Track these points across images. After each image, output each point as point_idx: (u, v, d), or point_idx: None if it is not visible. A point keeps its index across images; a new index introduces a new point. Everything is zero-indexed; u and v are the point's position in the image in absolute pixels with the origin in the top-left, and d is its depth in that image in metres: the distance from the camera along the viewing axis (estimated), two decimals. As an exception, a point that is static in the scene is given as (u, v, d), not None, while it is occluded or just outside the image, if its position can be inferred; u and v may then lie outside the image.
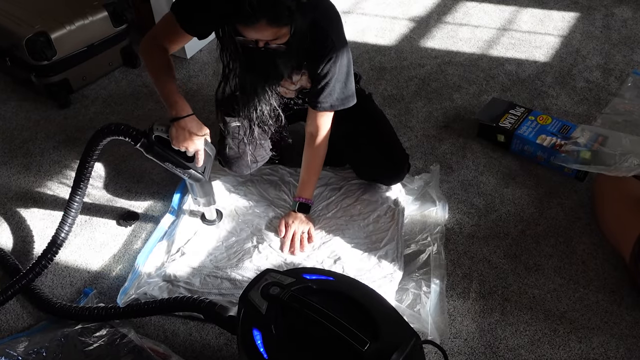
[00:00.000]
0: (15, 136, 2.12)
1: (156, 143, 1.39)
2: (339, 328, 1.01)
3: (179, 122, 1.37)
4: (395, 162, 1.68)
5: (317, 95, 1.50)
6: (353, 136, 1.68)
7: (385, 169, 1.69)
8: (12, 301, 1.51)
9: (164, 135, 1.39)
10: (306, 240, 1.61)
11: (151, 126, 1.39)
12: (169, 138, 1.39)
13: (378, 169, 1.70)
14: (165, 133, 1.39)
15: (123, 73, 2.43)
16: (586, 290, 1.50)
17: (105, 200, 1.83)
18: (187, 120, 1.38)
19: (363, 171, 1.75)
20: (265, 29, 1.24)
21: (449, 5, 2.83)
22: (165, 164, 1.44)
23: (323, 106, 1.51)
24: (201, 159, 1.44)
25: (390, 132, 1.74)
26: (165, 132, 1.39)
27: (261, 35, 1.26)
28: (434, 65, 2.40)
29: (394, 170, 1.68)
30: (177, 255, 1.57)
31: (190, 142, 1.39)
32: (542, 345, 1.38)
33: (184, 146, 1.39)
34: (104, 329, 1.39)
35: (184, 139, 1.38)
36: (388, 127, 1.75)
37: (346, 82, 1.50)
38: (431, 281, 1.47)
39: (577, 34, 2.56)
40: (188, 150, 1.40)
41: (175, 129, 1.38)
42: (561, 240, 1.64)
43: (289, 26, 1.25)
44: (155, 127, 1.39)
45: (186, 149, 1.40)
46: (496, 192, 1.80)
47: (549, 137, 1.85)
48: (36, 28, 2.09)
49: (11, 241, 1.71)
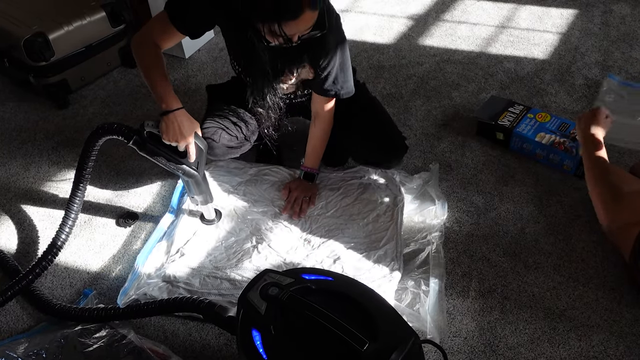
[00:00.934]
0: (14, 137, 2.12)
1: (148, 140, 1.40)
2: (337, 328, 1.01)
3: (168, 115, 1.39)
4: (393, 140, 1.72)
5: (322, 84, 1.56)
6: (348, 117, 1.71)
7: (382, 148, 1.72)
8: (11, 302, 1.51)
9: (155, 131, 1.40)
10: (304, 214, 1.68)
11: (142, 123, 1.41)
12: (159, 133, 1.40)
13: (375, 148, 1.73)
14: (156, 128, 1.40)
15: (121, 73, 2.43)
16: (586, 288, 1.50)
17: (104, 201, 1.83)
18: (176, 114, 1.40)
19: (360, 153, 1.78)
20: (310, 17, 1.26)
21: (447, 3, 2.82)
22: (158, 160, 1.44)
23: (329, 94, 1.58)
24: (192, 153, 1.45)
25: (385, 113, 1.78)
26: (156, 128, 1.40)
27: (305, 24, 1.27)
28: (433, 64, 2.40)
29: (391, 147, 1.72)
30: (177, 256, 1.57)
31: (180, 136, 1.40)
32: (542, 343, 1.38)
33: (174, 140, 1.40)
34: (103, 330, 1.39)
35: (173, 132, 1.39)
36: (382, 109, 1.79)
37: (348, 70, 1.58)
38: (430, 280, 1.47)
39: (575, 31, 2.56)
40: (179, 144, 1.41)
41: (165, 122, 1.39)
42: (560, 238, 1.64)
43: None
44: (146, 123, 1.41)
45: (177, 142, 1.41)
46: (495, 190, 1.80)
47: (548, 135, 1.84)
48: (34, 29, 2.08)
49: (11, 242, 1.71)
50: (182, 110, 1.42)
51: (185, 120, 1.41)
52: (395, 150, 1.74)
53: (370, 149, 1.74)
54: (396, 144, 1.73)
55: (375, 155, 1.76)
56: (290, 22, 1.24)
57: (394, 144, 1.73)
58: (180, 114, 1.41)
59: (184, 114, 1.42)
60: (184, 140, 1.41)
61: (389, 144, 1.72)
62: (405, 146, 1.75)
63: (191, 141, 1.43)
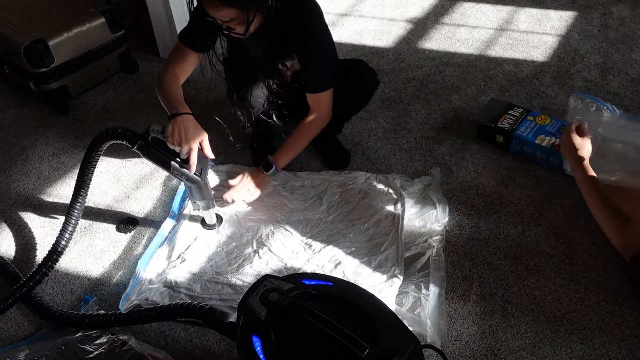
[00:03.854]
0: (15, 143, 2.12)
1: (153, 145, 1.40)
2: (338, 334, 1.01)
3: (176, 118, 1.41)
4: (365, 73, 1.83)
5: (306, 79, 1.66)
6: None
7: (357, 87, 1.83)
8: (12, 309, 1.51)
9: (160, 137, 1.40)
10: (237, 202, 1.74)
11: (148, 128, 1.41)
12: (164, 139, 1.40)
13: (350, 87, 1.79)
14: (162, 134, 1.40)
15: (121, 79, 2.44)
16: (587, 291, 1.49)
17: (104, 207, 1.83)
18: (184, 118, 1.42)
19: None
20: (218, 7, 1.40)
21: (446, 7, 2.83)
22: (162, 166, 1.44)
23: (313, 88, 1.65)
24: (194, 164, 1.44)
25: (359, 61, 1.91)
26: (162, 133, 1.40)
27: (216, 13, 1.42)
28: (432, 67, 2.40)
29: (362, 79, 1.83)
30: (178, 262, 1.58)
31: (184, 140, 1.40)
32: (544, 347, 1.38)
33: (178, 143, 1.40)
34: (104, 337, 1.39)
35: (178, 136, 1.40)
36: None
37: (332, 64, 1.67)
38: (430, 284, 1.46)
39: (575, 33, 2.56)
40: (182, 148, 1.41)
41: (171, 125, 1.41)
42: (562, 241, 1.63)
43: (239, 12, 1.42)
44: (152, 128, 1.41)
45: (180, 146, 1.41)
46: (496, 193, 1.79)
47: (548, 138, 1.84)
48: (34, 36, 2.09)
49: (11, 249, 1.71)
50: (190, 115, 1.44)
51: (191, 127, 1.43)
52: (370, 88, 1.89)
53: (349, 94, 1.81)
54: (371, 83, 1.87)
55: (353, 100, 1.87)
56: (205, 2, 1.42)
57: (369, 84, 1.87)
58: (188, 118, 1.43)
59: (192, 120, 1.44)
60: (187, 144, 1.41)
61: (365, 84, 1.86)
62: (377, 81, 1.89)
63: (194, 148, 1.43)
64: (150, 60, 2.56)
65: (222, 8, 1.41)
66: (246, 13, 1.43)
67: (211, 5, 1.42)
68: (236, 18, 1.44)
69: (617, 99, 2.14)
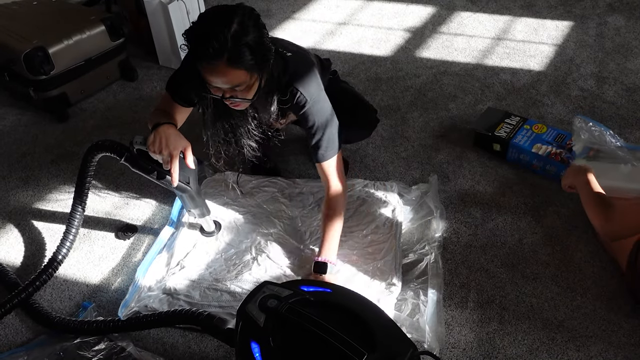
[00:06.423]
0: (14, 150, 2.13)
1: (139, 156, 1.40)
2: (336, 340, 1.01)
3: (158, 128, 1.39)
4: (368, 120, 1.82)
5: (311, 150, 1.53)
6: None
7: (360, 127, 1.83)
8: (10, 315, 1.51)
9: (143, 148, 1.39)
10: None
11: (131, 140, 1.40)
12: (147, 149, 1.39)
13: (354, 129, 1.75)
14: (144, 145, 1.38)
15: (121, 86, 2.45)
16: (584, 299, 1.50)
17: (103, 214, 1.83)
18: (165, 127, 1.39)
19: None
20: (225, 70, 1.24)
21: (443, 16, 2.85)
22: (150, 176, 1.44)
23: (321, 157, 1.52)
24: (175, 169, 1.38)
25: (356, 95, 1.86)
26: (144, 145, 1.38)
27: (223, 78, 1.27)
28: (430, 75, 2.42)
29: (368, 125, 1.84)
30: (177, 269, 1.58)
31: (164, 147, 1.36)
32: (541, 354, 1.38)
33: (158, 150, 1.36)
34: (102, 343, 1.39)
35: (159, 143, 1.36)
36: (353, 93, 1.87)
37: (332, 130, 1.51)
38: (428, 290, 1.47)
39: (571, 42, 2.59)
40: (163, 155, 1.36)
41: (153, 134, 1.38)
42: (558, 249, 1.64)
43: (248, 74, 1.27)
44: (135, 140, 1.40)
45: (161, 154, 1.36)
46: (493, 201, 1.80)
47: (545, 146, 1.86)
48: (34, 43, 2.10)
49: (9, 255, 1.71)
50: (172, 125, 1.41)
51: (172, 134, 1.39)
52: (370, 127, 1.87)
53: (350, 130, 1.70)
54: (371, 122, 1.85)
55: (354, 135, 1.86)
56: (207, 68, 1.26)
57: (369, 123, 1.85)
58: (169, 127, 1.40)
59: (173, 129, 1.41)
60: (167, 150, 1.36)
61: (366, 123, 1.84)
62: (377, 120, 1.86)
63: (175, 155, 1.37)
64: (149, 67, 2.57)
65: (228, 71, 1.25)
66: (256, 73, 1.30)
67: (214, 70, 1.25)
68: (243, 82, 1.29)
69: (612, 107, 2.16)
